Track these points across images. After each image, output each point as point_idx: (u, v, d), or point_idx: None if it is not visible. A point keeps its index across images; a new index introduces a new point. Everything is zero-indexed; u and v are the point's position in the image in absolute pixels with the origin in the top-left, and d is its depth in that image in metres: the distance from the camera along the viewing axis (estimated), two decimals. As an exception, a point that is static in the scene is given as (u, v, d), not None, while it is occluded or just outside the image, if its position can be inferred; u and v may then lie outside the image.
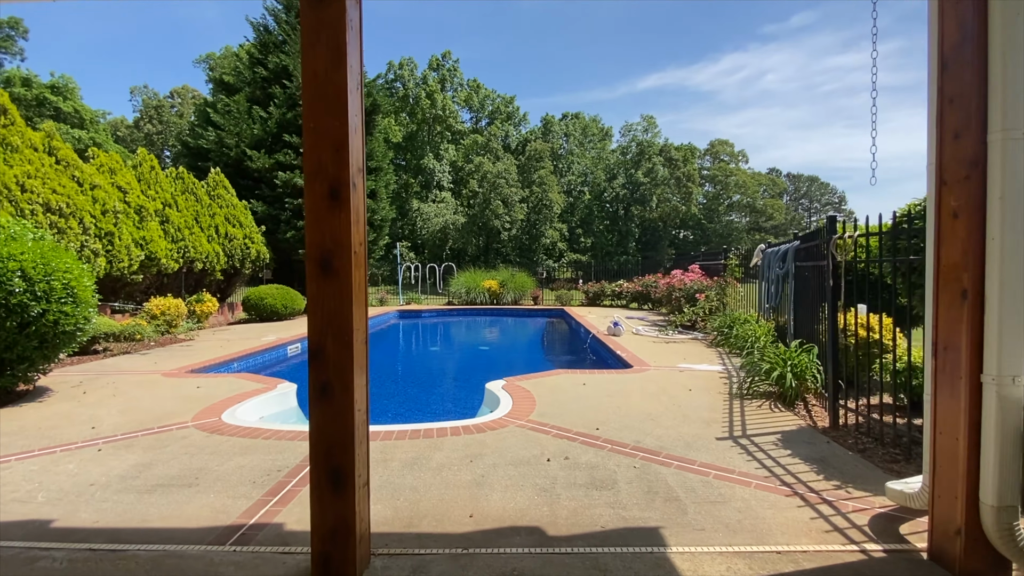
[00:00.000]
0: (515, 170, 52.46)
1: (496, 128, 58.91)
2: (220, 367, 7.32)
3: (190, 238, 11.97)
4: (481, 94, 67.08)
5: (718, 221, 74.66)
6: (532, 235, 55.68)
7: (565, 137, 71.03)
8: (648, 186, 64.21)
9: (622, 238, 64.67)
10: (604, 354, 8.49)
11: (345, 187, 2.16)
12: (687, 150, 67.13)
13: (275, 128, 16.11)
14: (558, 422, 4.37)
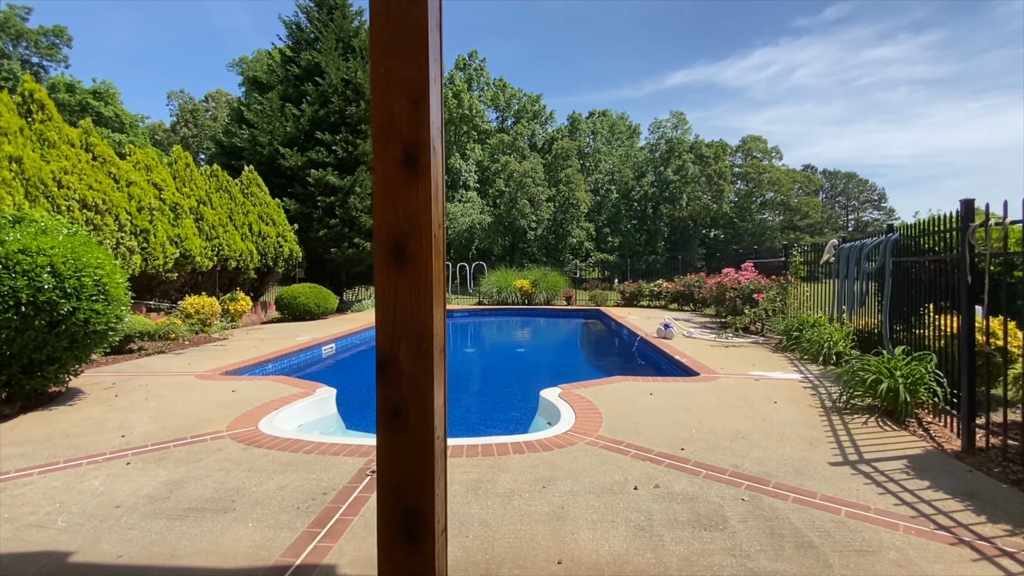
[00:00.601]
0: (541, 169, 51.88)
1: (522, 127, 58.43)
2: (255, 368, 7.00)
3: (224, 236, 11.82)
4: (507, 93, 66.75)
5: (750, 220, 72.51)
6: (559, 235, 54.99)
7: (592, 135, 70.10)
8: (678, 184, 62.79)
9: (651, 237, 63.30)
10: (657, 359, 7.87)
11: (424, 151, 1.66)
12: (718, 147, 65.39)
13: (307, 125, 15.95)
14: (634, 439, 3.82)
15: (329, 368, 8.46)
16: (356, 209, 15.66)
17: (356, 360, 9.45)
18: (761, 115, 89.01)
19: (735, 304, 9.68)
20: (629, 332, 10.80)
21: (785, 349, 7.45)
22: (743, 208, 72.12)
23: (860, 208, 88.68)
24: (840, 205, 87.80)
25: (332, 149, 15.86)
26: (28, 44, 51.10)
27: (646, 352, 8.65)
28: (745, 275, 9.94)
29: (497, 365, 9.00)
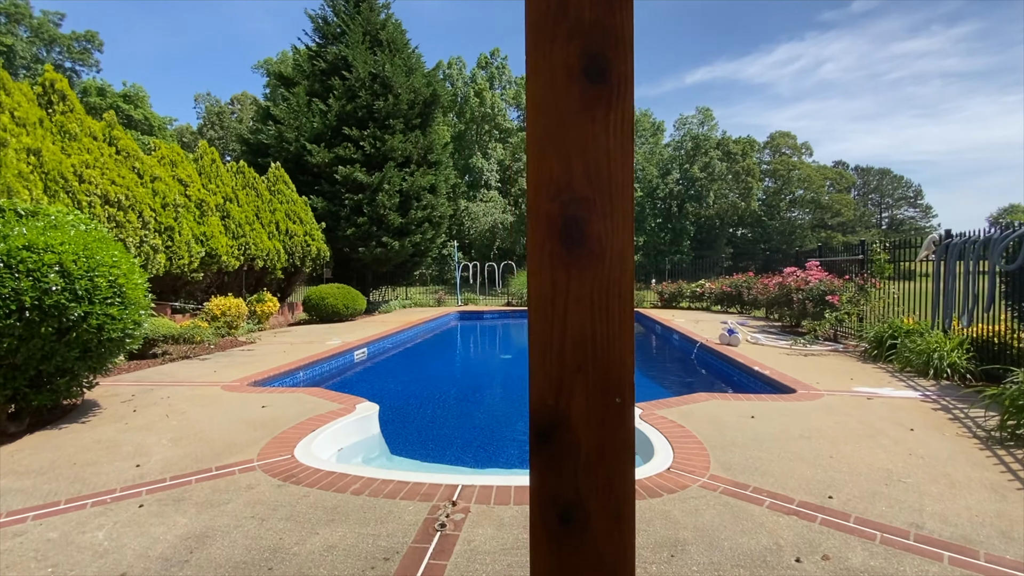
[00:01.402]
0: (565, 167, 50.99)
1: (544, 126, 57.51)
2: (285, 378, 6.40)
3: (251, 234, 11.34)
4: (530, 92, 65.95)
5: (779, 218, 70.50)
6: (582, 234, 53.95)
7: (616, 133, 68.79)
8: (704, 181, 61.33)
9: (676, 236, 61.90)
10: (727, 370, 7.02)
11: (620, 50, 0.92)
12: (746, 143, 63.70)
13: (334, 121, 15.45)
14: (760, 481, 3.04)
15: (362, 375, 7.83)
16: (384, 207, 15.10)
17: (390, 366, 8.82)
18: (786, 111, 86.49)
19: (804, 307, 8.76)
20: (681, 337, 9.95)
21: (877, 359, 6.54)
22: (771, 206, 70.17)
23: (895, 206, 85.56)
24: (873, 203, 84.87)
25: (360, 145, 15.33)
26: (61, 49, 52.30)
27: (710, 361, 7.81)
28: (814, 274, 9.01)
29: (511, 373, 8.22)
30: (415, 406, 6.03)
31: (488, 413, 6.00)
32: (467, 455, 4.46)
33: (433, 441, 4.85)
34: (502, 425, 5.49)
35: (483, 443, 4.77)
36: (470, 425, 5.34)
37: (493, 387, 7.47)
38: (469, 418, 5.67)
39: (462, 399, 6.53)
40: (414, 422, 5.39)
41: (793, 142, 73.59)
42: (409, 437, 4.89)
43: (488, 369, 8.78)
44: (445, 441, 4.84)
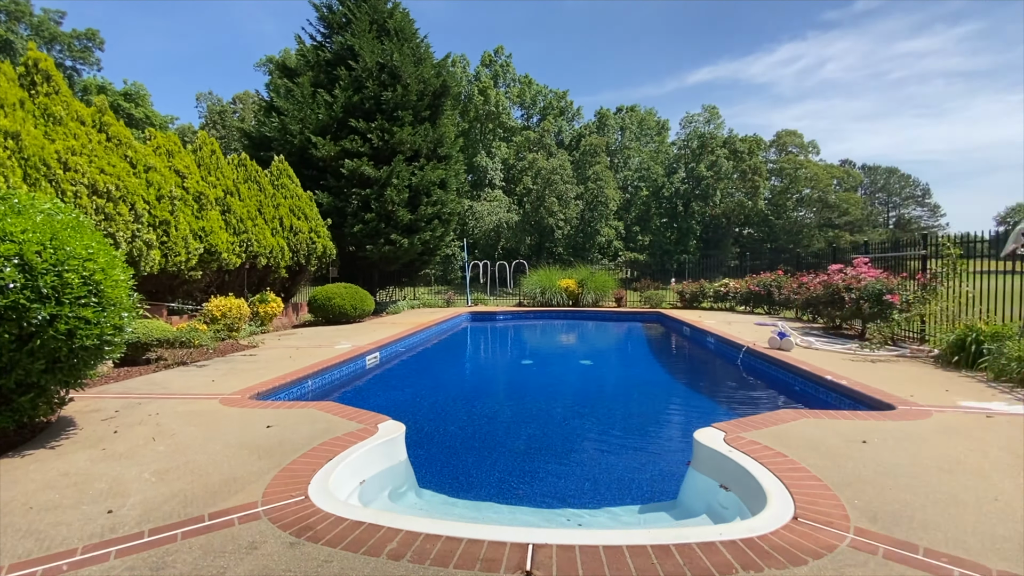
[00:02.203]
0: (569, 166, 50.38)
1: (549, 123, 56.99)
2: (292, 388, 5.67)
3: (253, 230, 10.62)
4: (533, 90, 65.41)
5: (786, 217, 69.72)
6: (586, 233, 53.38)
7: (620, 131, 68.24)
8: (711, 180, 60.62)
9: (682, 236, 61.14)
10: (787, 379, 6.26)
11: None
12: (752, 142, 62.98)
13: (340, 113, 14.73)
14: (925, 538, 2.29)
15: (378, 384, 7.10)
16: (392, 202, 14.38)
17: (407, 373, 8.09)
18: (788, 111, 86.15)
19: (858, 307, 8.00)
20: (718, 341, 9.19)
21: (959, 366, 5.78)
22: (778, 205, 69.40)
23: (902, 205, 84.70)
24: (880, 202, 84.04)
25: (367, 138, 14.61)
26: (62, 47, 51.79)
27: (763, 369, 7.05)
28: (868, 272, 8.26)
29: (568, 384, 7.43)
30: (444, 423, 5.27)
31: (504, 425, 5.25)
32: (519, 489, 3.71)
33: (473, 470, 4.08)
34: (517, 439, 4.73)
35: (538, 474, 4.00)
36: (515, 448, 4.56)
37: (514, 395, 6.69)
38: (511, 438, 4.87)
39: (498, 414, 5.75)
40: (446, 444, 4.65)
41: (800, 140, 72.82)
42: (442, 465, 4.15)
43: (522, 377, 7.95)
44: (486, 470, 4.07)
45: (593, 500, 3.46)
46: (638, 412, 5.47)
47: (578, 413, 5.54)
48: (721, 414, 5.33)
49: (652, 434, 4.58)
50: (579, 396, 6.42)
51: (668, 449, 4.26)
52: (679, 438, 4.45)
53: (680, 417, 5.13)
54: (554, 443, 4.63)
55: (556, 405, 5.88)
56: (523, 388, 7.01)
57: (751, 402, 5.87)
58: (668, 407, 5.60)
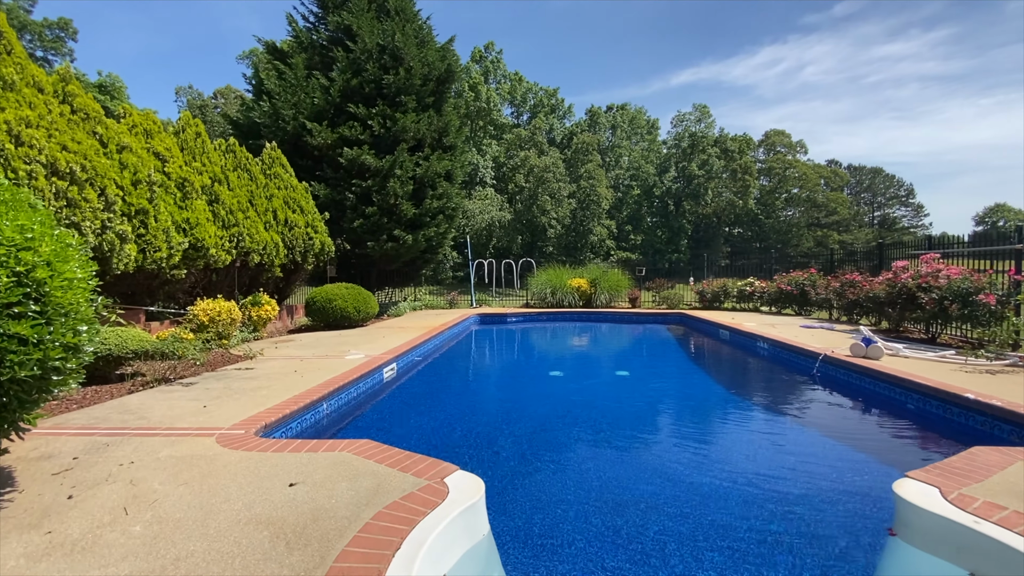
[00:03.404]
0: (562, 164, 49.54)
1: (540, 121, 56.04)
2: (306, 414, 4.52)
3: (244, 223, 9.38)
4: (523, 87, 64.49)
5: (775, 217, 69.86)
6: (579, 232, 52.64)
7: (611, 130, 67.71)
8: (702, 179, 60.40)
9: (673, 235, 60.81)
10: (893, 397, 5.26)
11: None
12: (742, 141, 62.96)
13: (338, 97, 13.51)
14: None
15: (400, 403, 5.96)
16: (396, 195, 13.20)
17: (427, 387, 6.96)
18: (769, 113, 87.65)
19: (942, 308, 7.08)
20: (774, 346, 8.22)
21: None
22: (767, 205, 69.52)
23: (887, 204, 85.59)
24: (865, 201, 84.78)
25: (367, 124, 13.40)
26: (32, 37, 49.32)
27: (849, 382, 6.06)
28: (950, 269, 7.35)
29: (614, 402, 6.08)
30: (498, 463, 4.07)
31: (616, 478, 3.73)
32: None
33: (566, 545, 2.92)
34: (670, 509, 3.27)
35: (648, 548, 2.88)
36: (604, 506, 3.35)
37: (583, 425, 5.38)
38: (592, 490, 3.49)
39: (560, 450, 4.54)
40: (516, 498, 3.51)
41: (788, 140, 73.03)
42: (524, 531, 3.03)
43: (560, 394, 6.71)
44: (580, 548, 2.91)
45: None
46: (729, 446, 4.42)
47: (655, 450, 4.43)
48: (852, 450, 4.32)
49: (774, 481, 3.55)
50: (638, 422, 5.31)
51: (812, 506, 3.23)
52: (811, 490, 3.41)
53: (795, 457, 4.07)
54: (651, 495, 3.53)
55: (618, 436, 4.76)
56: (566, 409, 5.90)
57: (874, 430, 4.87)
58: (768, 439, 4.56)
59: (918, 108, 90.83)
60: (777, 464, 3.88)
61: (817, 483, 3.50)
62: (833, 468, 3.78)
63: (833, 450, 4.27)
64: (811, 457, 4.08)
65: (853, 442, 4.48)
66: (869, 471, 3.74)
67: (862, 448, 4.30)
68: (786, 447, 4.26)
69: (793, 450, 4.17)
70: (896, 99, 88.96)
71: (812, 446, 4.43)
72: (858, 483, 3.47)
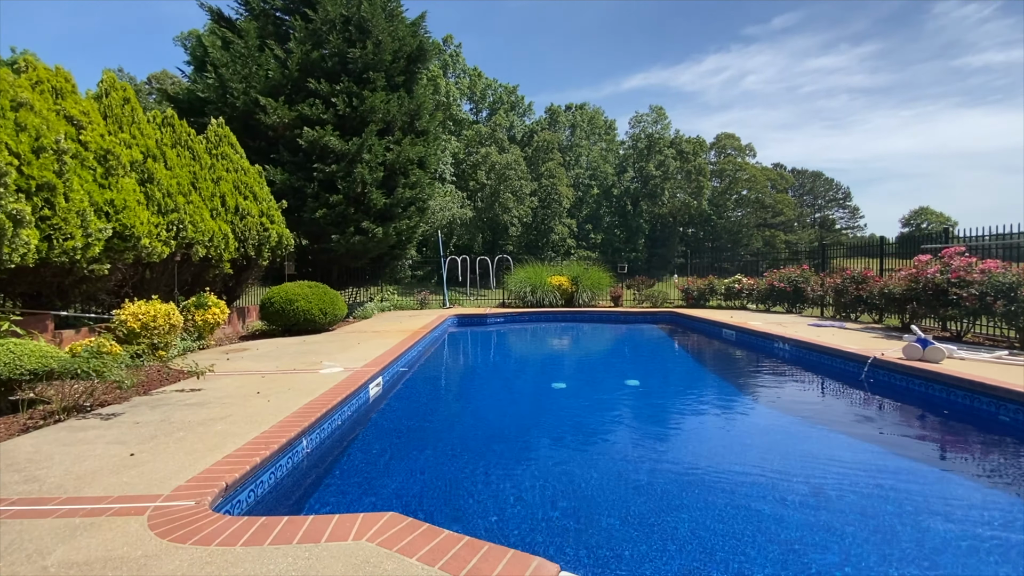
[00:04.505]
0: (523, 162, 48.85)
1: (500, 118, 55.08)
2: (281, 460, 3.26)
3: (187, 209, 7.81)
4: (482, 83, 63.38)
5: (726, 217, 72.00)
6: (540, 231, 52.11)
7: (571, 129, 67.74)
8: (658, 180, 61.36)
9: (631, 234, 61.48)
10: (988, 409, 4.54)
11: None
12: (696, 143, 64.42)
13: (296, 71, 11.93)
14: None
15: (394, 435, 4.70)
16: (364, 183, 11.77)
17: (420, 409, 5.74)
18: (714, 119, 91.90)
19: (984, 303, 6.55)
20: (797, 349, 7.51)
21: None
22: (718, 205, 71.54)
23: (826, 207, 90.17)
24: (807, 203, 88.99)
25: (331, 103, 11.91)
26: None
27: (912, 390, 5.33)
28: (989, 263, 6.85)
29: (641, 426, 4.91)
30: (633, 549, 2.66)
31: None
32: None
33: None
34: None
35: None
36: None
37: (620, 460, 3.99)
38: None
39: (612, 499, 3.36)
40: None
41: (738, 143, 75.43)
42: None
43: (573, 415, 5.48)
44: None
45: None
46: (814, 485, 3.50)
47: (733, 500, 3.38)
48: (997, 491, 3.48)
49: (899, 541, 2.66)
50: (688, 453, 4.24)
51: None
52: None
53: (942, 519, 3.17)
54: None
55: (673, 487, 3.66)
56: (590, 436, 4.83)
57: (998, 456, 4.08)
58: (858, 471, 3.68)
59: (847, 118, 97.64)
60: (839, 482, 3.00)
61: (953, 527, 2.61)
62: (958, 509, 2.92)
63: (971, 491, 3.42)
64: (962, 514, 3.18)
65: (990, 480, 3.66)
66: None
67: (994, 485, 3.49)
68: (924, 501, 3.35)
69: (932, 505, 3.27)
70: (828, 109, 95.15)
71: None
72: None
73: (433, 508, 3.09)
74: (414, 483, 3.47)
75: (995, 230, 7.98)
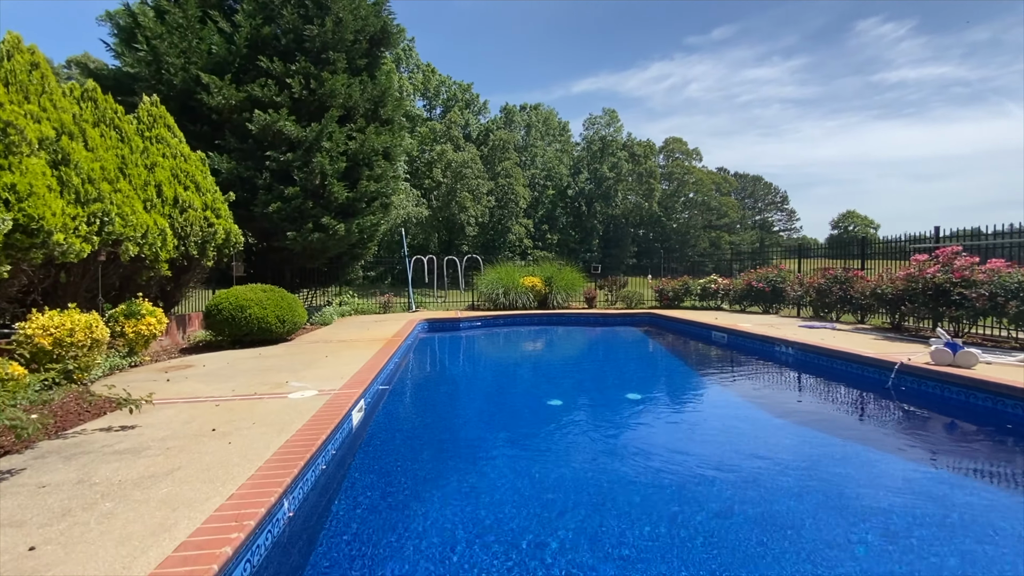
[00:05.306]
0: (480, 160, 48.08)
1: (455, 116, 54.08)
2: (257, 541, 2.33)
3: (115, 199, 6.49)
4: (436, 79, 62.06)
5: (675, 219, 74.10)
6: (497, 231, 51.51)
7: (526, 129, 67.61)
8: (612, 182, 62.32)
9: (586, 235, 62.09)
10: None
11: None
12: (646, 146, 65.87)
13: (244, 47, 10.59)
14: None
15: (389, 482, 3.80)
16: (324, 173, 10.60)
17: (411, 441, 4.84)
18: (660, 124, 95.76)
19: (995, 303, 6.38)
20: (803, 353, 7.14)
21: None
22: (668, 207, 73.54)
23: (765, 209, 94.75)
24: (748, 206, 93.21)
25: (285, 84, 10.65)
26: None
27: (948, 399, 4.97)
28: (996, 263, 6.71)
29: (670, 455, 4.11)
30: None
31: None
32: None
33: None
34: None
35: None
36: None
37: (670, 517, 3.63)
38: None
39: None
40: None
41: (685, 147, 77.81)
42: None
43: (587, 443, 4.62)
44: None
45: None
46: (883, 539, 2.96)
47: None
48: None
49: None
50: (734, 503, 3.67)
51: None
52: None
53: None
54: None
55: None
56: (622, 476, 4.17)
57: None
58: (939, 507, 3.19)
59: (780, 126, 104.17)
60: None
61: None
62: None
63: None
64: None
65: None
66: None
67: None
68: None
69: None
70: (763, 117, 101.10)
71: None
72: None
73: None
74: (421, 554, 2.62)
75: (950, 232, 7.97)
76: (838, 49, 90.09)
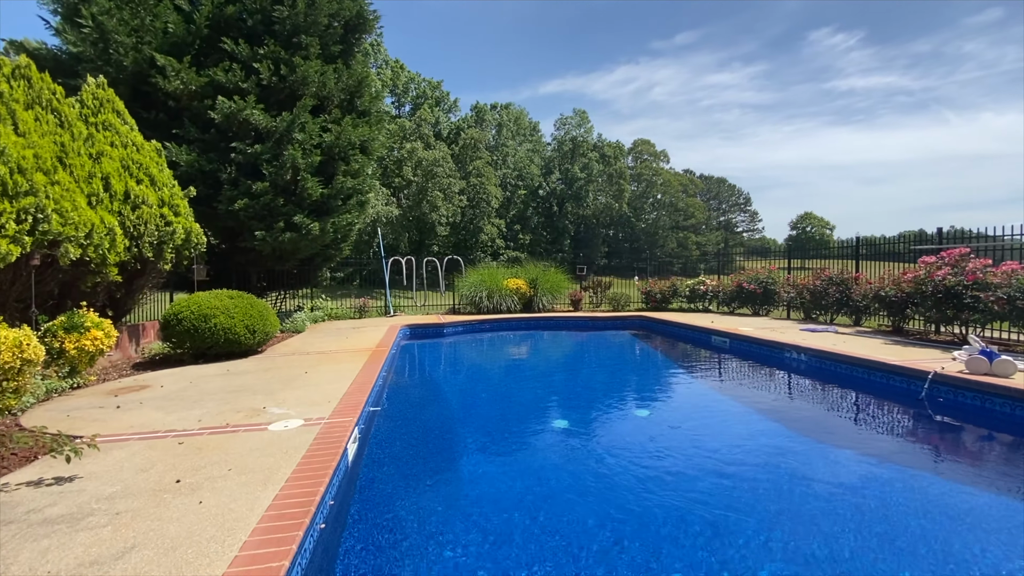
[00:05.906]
0: (451, 159, 47.23)
1: (426, 113, 52.96)
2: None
3: (50, 193, 5.54)
4: (405, 76, 60.76)
5: (644, 219, 75.05)
6: (469, 231, 50.77)
7: (497, 128, 67.08)
8: (583, 182, 62.58)
9: (558, 235, 62.12)
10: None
11: None
12: (616, 147, 66.40)
13: (206, 27, 9.59)
14: None
15: (389, 528, 3.15)
16: (296, 167, 9.71)
17: (416, 487, 4.18)
18: (626, 127, 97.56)
19: (1015, 306, 6.17)
20: (819, 360, 6.78)
21: None
22: (636, 208, 74.45)
23: (729, 211, 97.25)
24: (713, 208, 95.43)
25: (253, 69, 9.71)
26: None
27: (994, 412, 4.66)
28: (1011, 264, 6.52)
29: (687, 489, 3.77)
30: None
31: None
32: None
33: None
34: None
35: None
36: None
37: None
38: None
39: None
40: None
41: (653, 149, 78.93)
42: None
43: (621, 485, 4.20)
44: None
45: None
46: None
47: None
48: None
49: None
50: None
51: None
52: None
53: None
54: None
55: None
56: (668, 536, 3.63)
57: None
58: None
59: (740, 130, 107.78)
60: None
61: None
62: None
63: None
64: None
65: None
66: None
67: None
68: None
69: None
70: (724, 121, 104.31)
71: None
72: None
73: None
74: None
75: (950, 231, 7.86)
76: (794, 57, 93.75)
